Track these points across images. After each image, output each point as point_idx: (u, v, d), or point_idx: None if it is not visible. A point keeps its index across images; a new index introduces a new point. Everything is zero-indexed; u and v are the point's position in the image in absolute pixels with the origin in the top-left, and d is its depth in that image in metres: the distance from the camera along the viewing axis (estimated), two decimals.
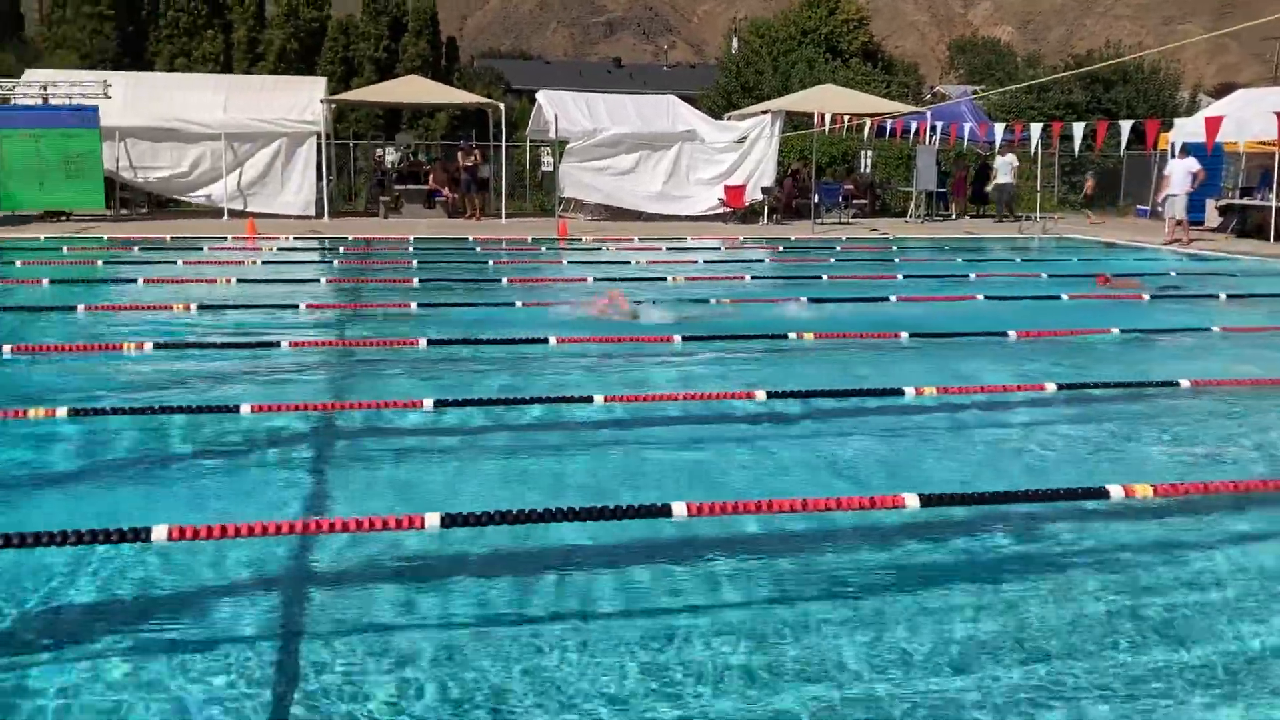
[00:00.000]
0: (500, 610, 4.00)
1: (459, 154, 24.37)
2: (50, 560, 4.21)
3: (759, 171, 23.83)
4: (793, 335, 9.17)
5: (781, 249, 18.94)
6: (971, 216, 26.87)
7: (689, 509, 4.24)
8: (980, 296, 11.90)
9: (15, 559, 4.19)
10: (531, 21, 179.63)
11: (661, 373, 8.30)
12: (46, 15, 29.88)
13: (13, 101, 21.31)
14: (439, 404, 6.44)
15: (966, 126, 24.51)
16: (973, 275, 14.45)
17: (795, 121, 25.67)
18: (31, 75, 22.84)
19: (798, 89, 29.86)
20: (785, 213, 24.52)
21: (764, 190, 23.86)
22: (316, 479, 5.52)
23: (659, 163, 23.67)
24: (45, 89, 21.40)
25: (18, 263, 14.71)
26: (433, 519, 4.06)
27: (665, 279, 13.40)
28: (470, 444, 6.25)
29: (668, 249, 17.86)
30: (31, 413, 5.97)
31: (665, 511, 4.24)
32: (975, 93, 34.19)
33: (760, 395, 6.92)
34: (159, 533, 3.76)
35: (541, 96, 24.54)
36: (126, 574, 4.20)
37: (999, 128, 23.00)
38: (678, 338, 9.02)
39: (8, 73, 24.43)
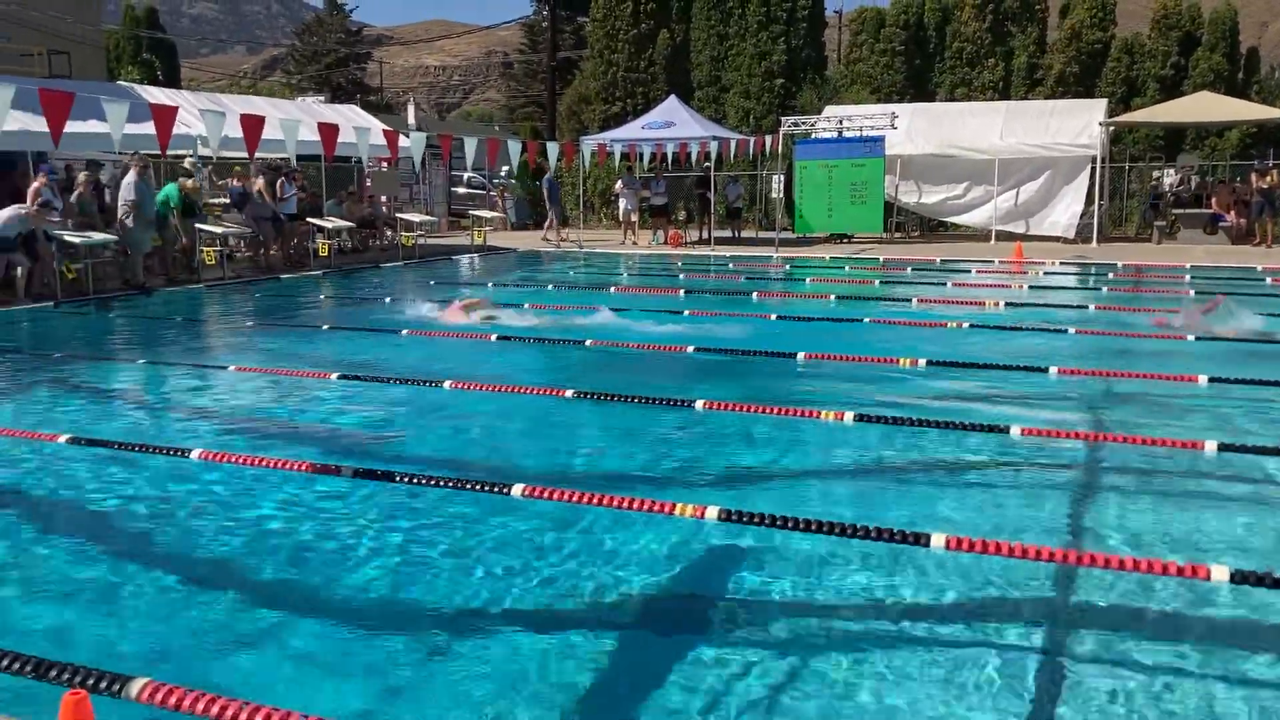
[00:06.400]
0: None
1: (1251, 174, 22.10)
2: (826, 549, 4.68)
3: None
4: None
5: None
6: None
7: None
8: None
9: (803, 542, 4.74)
10: None
11: None
12: (846, 55, 33.13)
13: (812, 135, 23.99)
14: (1223, 447, 5.90)
15: None
16: None
17: None
18: (829, 111, 25.48)
19: None
20: None
21: None
22: (1078, 509, 5.40)
23: None
24: (840, 123, 23.74)
25: (808, 280, 16.57)
26: (1220, 572, 3.75)
27: None
28: (1256, 494, 5.64)
29: None
30: (821, 414, 6.68)
31: None
32: None
33: None
34: (937, 540, 3.97)
35: None
36: (899, 573, 4.51)
37: None
38: None
39: (809, 110, 27.54)
